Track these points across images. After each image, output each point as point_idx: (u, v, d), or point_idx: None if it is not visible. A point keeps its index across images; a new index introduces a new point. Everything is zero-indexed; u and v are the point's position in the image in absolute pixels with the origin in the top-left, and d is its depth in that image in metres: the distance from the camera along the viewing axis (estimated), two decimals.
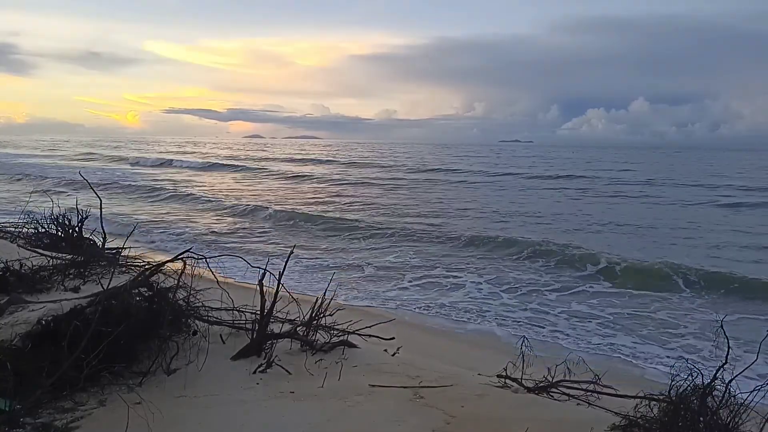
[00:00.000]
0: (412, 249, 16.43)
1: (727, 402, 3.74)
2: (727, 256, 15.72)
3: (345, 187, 36.47)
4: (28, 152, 76.24)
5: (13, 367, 4.09)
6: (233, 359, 5.37)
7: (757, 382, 3.92)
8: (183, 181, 38.57)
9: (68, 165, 52.22)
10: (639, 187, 36.93)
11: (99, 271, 6.72)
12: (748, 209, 26.53)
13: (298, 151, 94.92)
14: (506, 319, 10.33)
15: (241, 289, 8.14)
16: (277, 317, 5.92)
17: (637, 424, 3.92)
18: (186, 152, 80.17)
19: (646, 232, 20.03)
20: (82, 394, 4.40)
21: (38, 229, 9.64)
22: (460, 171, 50.63)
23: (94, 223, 9.02)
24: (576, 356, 6.09)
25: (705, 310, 10.99)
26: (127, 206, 25.20)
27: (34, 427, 3.94)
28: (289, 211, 23.17)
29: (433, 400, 4.66)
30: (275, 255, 14.30)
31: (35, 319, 4.74)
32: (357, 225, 19.96)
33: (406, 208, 25.16)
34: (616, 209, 26.46)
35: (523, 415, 4.44)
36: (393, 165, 57.53)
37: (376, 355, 5.90)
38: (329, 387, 4.86)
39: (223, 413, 4.41)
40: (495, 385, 5.30)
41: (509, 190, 35.74)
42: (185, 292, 5.41)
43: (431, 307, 10.98)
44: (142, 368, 4.82)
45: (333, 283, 7.61)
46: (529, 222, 21.86)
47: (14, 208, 17.12)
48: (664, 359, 8.49)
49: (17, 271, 6.09)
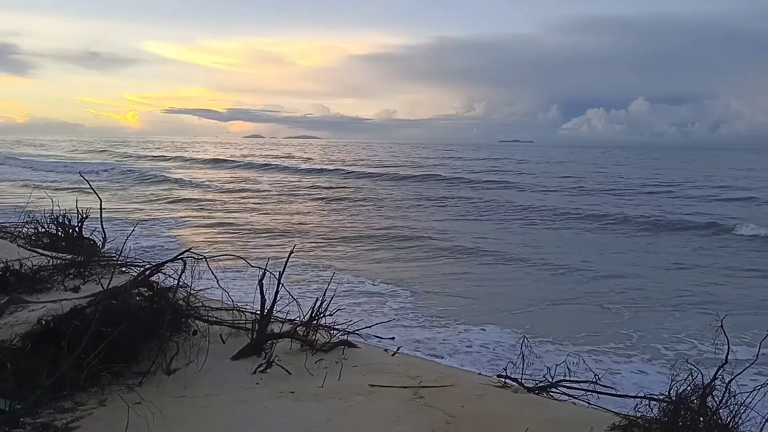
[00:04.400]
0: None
1: (727, 402, 3.74)
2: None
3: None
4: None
5: (13, 367, 4.09)
6: (233, 359, 5.36)
7: (757, 382, 3.91)
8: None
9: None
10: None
11: (99, 271, 6.72)
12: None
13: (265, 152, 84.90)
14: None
15: (241, 289, 8.15)
16: (277, 317, 5.92)
17: (637, 424, 3.91)
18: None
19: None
20: (82, 394, 4.40)
21: (38, 229, 9.64)
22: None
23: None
24: (576, 356, 6.09)
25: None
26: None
27: (34, 427, 3.93)
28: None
29: (433, 400, 4.65)
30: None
31: (35, 319, 4.74)
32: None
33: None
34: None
35: (523, 415, 4.43)
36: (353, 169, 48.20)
37: (376, 355, 5.90)
38: (329, 387, 4.85)
39: (223, 413, 4.41)
40: (495, 385, 5.30)
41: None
42: (185, 292, 5.41)
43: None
44: (142, 368, 4.81)
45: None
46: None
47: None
48: None
49: (17, 271, 6.09)
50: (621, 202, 28.43)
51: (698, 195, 31.06)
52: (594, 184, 37.09)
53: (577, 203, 27.15)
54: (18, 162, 51.95)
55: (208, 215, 22.24)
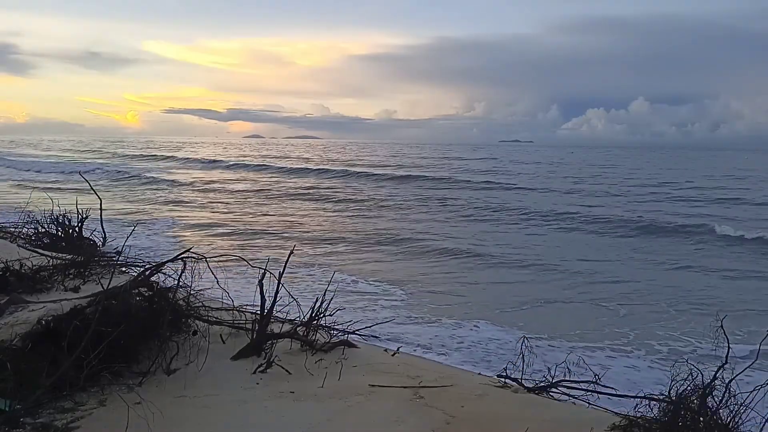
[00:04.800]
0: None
1: (727, 402, 3.73)
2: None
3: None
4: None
5: (13, 367, 4.09)
6: (233, 359, 5.36)
7: (757, 382, 3.90)
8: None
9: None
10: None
11: (99, 271, 6.72)
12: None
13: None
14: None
15: (241, 289, 8.14)
16: (277, 317, 5.92)
17: (637, 424, 3.91)
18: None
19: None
20: (82, 394, 4.39)
21: (38, 229, 9.64)
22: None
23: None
24: (576, 356, 6.09)
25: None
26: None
27: (34, 427, 3.93)
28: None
29: (433, 400, 4.65)
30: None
31: (35, 319, 4.74)
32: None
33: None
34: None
35: (523, 415, 4.43)
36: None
37: (376, 355, 5.90)
38: (329, 387, 4.85)
39: (223, 413, 4.41)
40: (495, 385, 5.29)
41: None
42: (185, 292, 5.41)
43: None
44: (142, 368, 4.81)
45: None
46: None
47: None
48: None
49: (17, 271, 6.09)
50: (619, 201, 28.56)
51: (692, 195, 31.18)
52: (591, 185, 37.30)
53: (574, 203, 27.27)
54: (5, 162, 51.78)
55: (208, 215, 22.25)
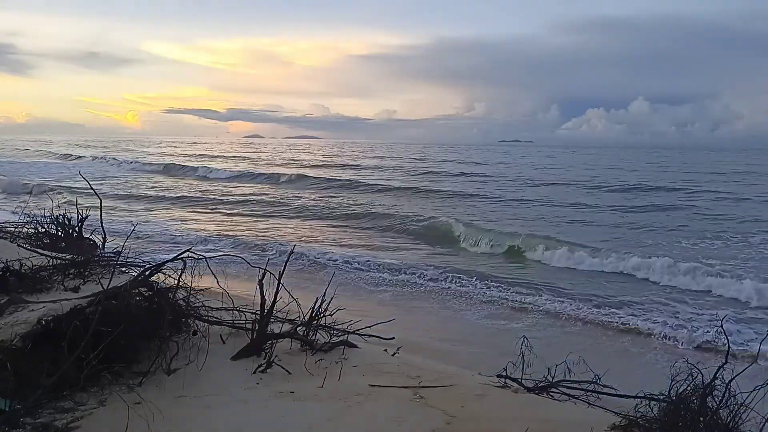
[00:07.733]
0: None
1: (727, 402, 3.73)
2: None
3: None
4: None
5: (13, 367, 4.09)
6: (233, 359, 5.36)
7: (757, 382, 3.90)
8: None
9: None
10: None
11: (99, 271, 6.70)
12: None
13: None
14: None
15: (241, 289, 8.14)
16: (277, 317, 5.92)
17: (637, 424, 3.92)
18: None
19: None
20: (82, 394, 4.39)
21: (38, 229, 9.63)
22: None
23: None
24: (576, 356, 6.08)
25: None
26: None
27: (34, 427, 3.93)
28: None
29: (433, 400, 4.65)
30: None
31: (35, 319, 4.73)
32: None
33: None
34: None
35: (523, 415, 4.44)
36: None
37: (376, 355, 5.90)
38: (329, 387, 4.85)
39: (223, 413, 4.41)
40: (495, 385, 5.29)
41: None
42: (185, 292, 5.41)
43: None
44: (142, 368, 4.81)
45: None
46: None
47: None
48: None
49: (17, 271, 6.07)
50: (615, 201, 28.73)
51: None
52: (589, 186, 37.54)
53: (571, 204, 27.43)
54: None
55: (206, 215, 22.25)
